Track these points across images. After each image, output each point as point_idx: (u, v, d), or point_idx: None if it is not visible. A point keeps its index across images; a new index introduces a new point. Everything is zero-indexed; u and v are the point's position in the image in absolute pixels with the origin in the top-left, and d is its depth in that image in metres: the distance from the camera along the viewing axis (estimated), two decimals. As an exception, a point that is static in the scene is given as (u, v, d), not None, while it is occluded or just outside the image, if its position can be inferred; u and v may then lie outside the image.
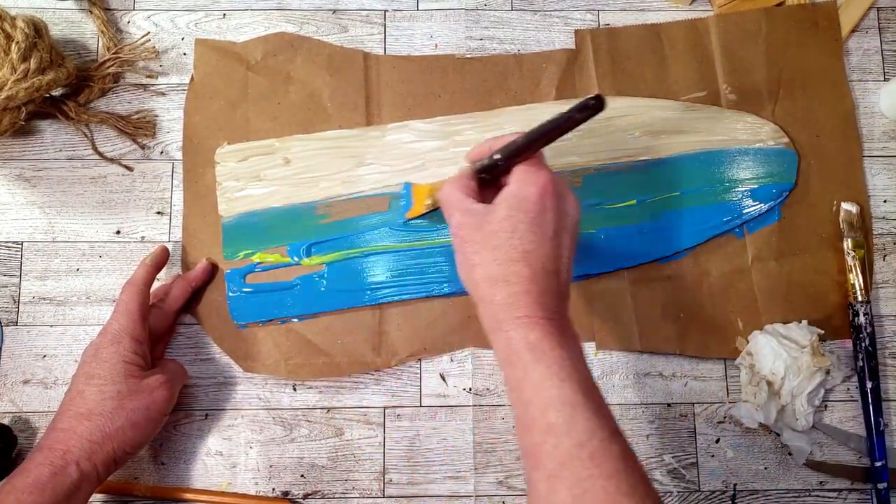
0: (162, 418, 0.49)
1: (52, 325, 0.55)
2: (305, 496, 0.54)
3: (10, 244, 0.56)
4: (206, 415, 0.55)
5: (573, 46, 0.60)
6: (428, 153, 0.57)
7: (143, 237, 0.57)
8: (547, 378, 0.37)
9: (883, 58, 0.60)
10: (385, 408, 0.55)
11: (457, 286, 0.55)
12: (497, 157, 0.43)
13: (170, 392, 0.49)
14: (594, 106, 0.38)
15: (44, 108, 0.56)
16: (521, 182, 0.41)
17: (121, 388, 0.47)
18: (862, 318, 0.54)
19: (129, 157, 0.58)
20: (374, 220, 0.56)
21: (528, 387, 0.38)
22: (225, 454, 0.54)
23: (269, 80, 0.58)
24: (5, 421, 0.54)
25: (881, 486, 0.52)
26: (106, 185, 0.57)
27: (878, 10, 0.61)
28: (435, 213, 0.52)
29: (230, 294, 0.55)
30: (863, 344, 0.54)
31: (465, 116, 0.58)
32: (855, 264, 0.55)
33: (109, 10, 0.60)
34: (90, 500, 0.50)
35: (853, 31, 0.60)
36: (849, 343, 0.56)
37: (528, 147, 0.41)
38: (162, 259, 0.54)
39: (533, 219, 0.40)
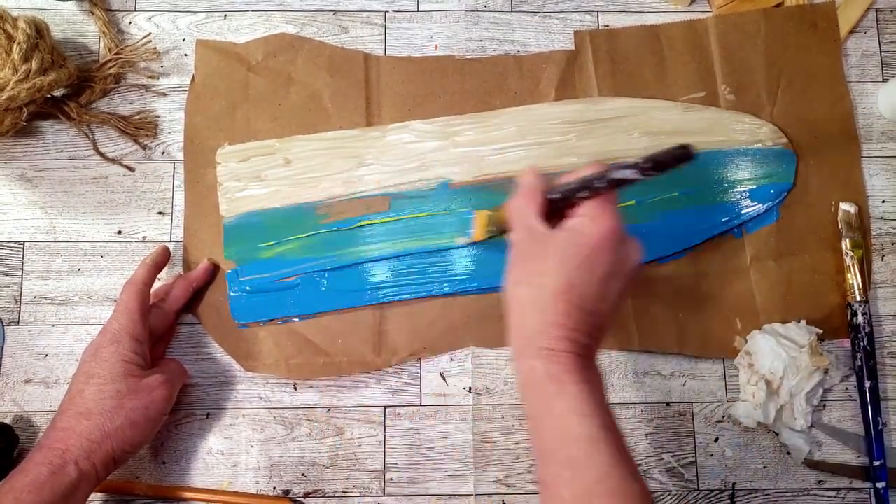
0: (161, 418, 0.49)
1: (53, 325, 0.55)
2: (306, 495, 0.54)
3: (11, 244, 0.56)
4: (208, 414, 0.55)
5: (573, 47, 0.60)
6: (428, 153, 0.57)
7: (144, 237, 0.57)
8: (569, 412, 0.37)
9: (881, 58, 0.60)
10: (385, 407, 0.55)
11: (456, 286, 0.55)
12: (569, 188, 0.42)
13: (169, 391, 0.49)
14: (682, 156, 0.37)
15: (45, 109, 0.56)
16: (587, 218, 0.40)
17: (120, 388, 0.47)
18: (860, 318, 0.54)
19: (131, 158, 0.58)
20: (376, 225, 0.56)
21: (548, 418, 0.38)
22: (226, 453, 0.54)
23: (270, 80, 0.59)
24: (7, 420, 0.54)
25: (880, 485, 0.53)
26: (107, 186, 0.57)
27: (876, 11, 0.61)
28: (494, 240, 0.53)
29: (231, 294, 0.56)
30: (861, 343, 0.54)
31: (465, 117, 0.58)
32: (853, 264, 0.55)
33: (111, 11, 0.60)
34: (91, 499, 0.50)
35: (852, 31, 0.60)
36: (847, 343, 0.56)
37: (605, 185, 0.40)
38: (163, 259, 0.54)
39: (587, 257, 0.39)
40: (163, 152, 0.58)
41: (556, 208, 0.43)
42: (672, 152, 0.37)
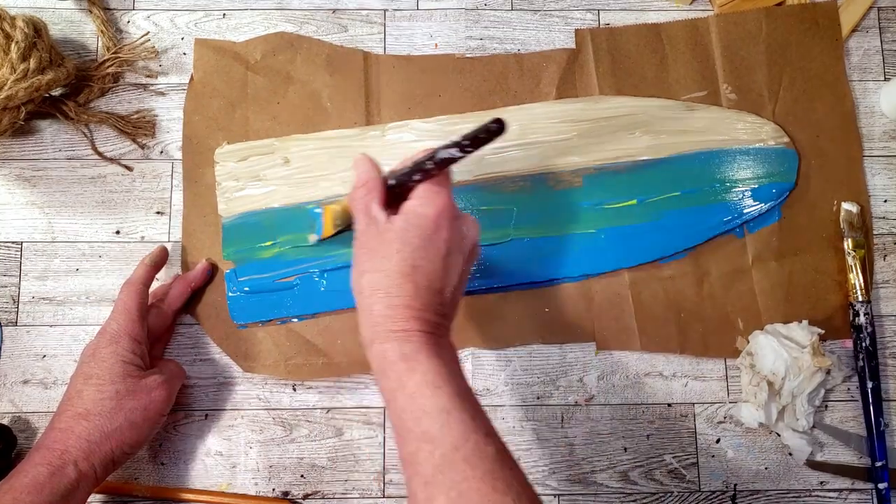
0: (160, 418, 0.49)
1: (51, 326, 0.55)
2: (305, 496, 0.53)
3: (9, 244, 0.56)
4: (206, 415, 0.54)
5: (573, 46, 0.60)
6: (428, 153, 0.57)
7: (142, 237, 0.57)
8: (421, 386, 0.38)
9: (883, 57, 0.60)
10: (385, 408, 0.55)
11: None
12: (403, 173, 0.43)
13: (168, 392, 0.49)
14: (495, 130, 0.40)
15: (43, 108, 0.56)
16: (422, 199, 0.42)
17: (119, 388, 0.47)
18: (862, 318, 0.54)
19: (129, 157, 0.58)
20: None
21: (401, 397, 0.39)
22: (225, 454, 0.54)
23: (269, 79, 0.58)
24: (5, 421, 0.53)
25: (882, 486, 0.52)
26: (105, 185, 0.57)
27: (878, 10, 0.61)
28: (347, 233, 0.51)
29: (230, 294, 0.55)
30: (863, 344, 0.54)
31: (464, 116, 0.58)
32: (855, 264, 0.55)
33: (109, 9, 0.60)
34: (90, 500, 0.50)
35: (853, 30, 0.60)
36: (849, 343, 0.56)
37: (434, 166, 0.42)
38: (161, 259, 0.54)
39: (426, 236, 0.41)
40: (161, 152, 0.58)
41: (395, 195, 0.44)
42: (486, 127, 0.40)
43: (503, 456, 0.37)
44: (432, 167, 0.42)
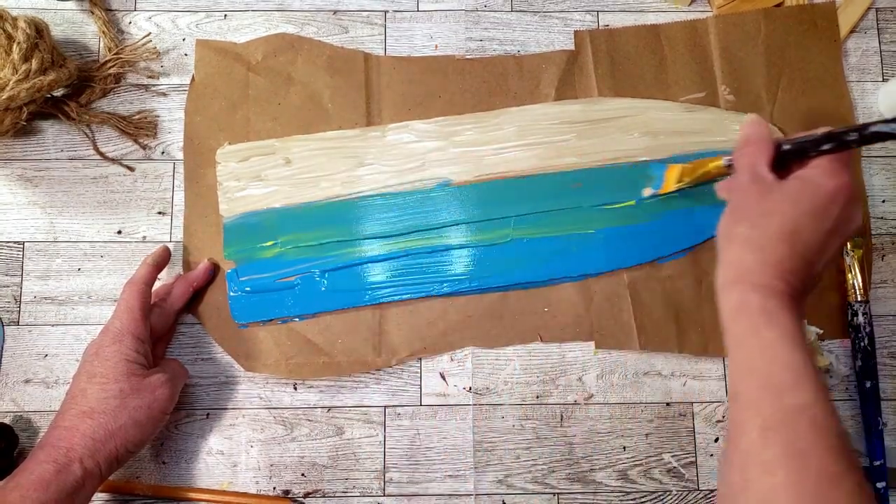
0: (164, 417, 0.49)
1: (53, 325, 0.55)
2: (306, 495, 0.54)
3: (11, 244, 0.56)
4: (208, 414, 0.55)
5: (573, 47, 0.60)
6: (428, 153, 0.57)
7: (144, 237, 0.57)
8: (779, 339, 0.37)
9: (881, 58, 0.60)
10: (385, 407, 0.55)
11: (456, 286, 0.55)
12: (807, 140, 0.42)
13: (171, 391, 0.49)
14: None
15: (45, 109, 0.56)
16: (824, 171, 0.41)
17: (123, 387, 0.47)
18: (860, 318, 0.54)
19: (131, 158, 0.58)
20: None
21: (754, 343, 0.38)
22: (226, 453, 0.54)
23: (270, 80, 0.59)
24: (7, 420, 0.54)
25: (880, 485, 0.53)
26: (107, 185, 0.57)
27: (876, 11, 0.61)
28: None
29: (231, 294, 0.56)
30: (861, 343, 0.54)
31: (464, 117, 0.58)
32: (853, 264, 0.55)
33: (111, 10, 0.60)
34: (92, 499, 0.50)
35: (852, 31, 0.60)
36: (847, 343, 0.56)
37: (857, 139, 0.40)
38: (163, 259, 0.54)
39: (819, 206, 0.40)
40: (162, 152, 0.58)
41: (782, 162, 0.43)
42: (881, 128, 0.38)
43: (844, 435, 0.35)
44: (855, 139, 0.40)
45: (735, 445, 0.36)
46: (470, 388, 0.55)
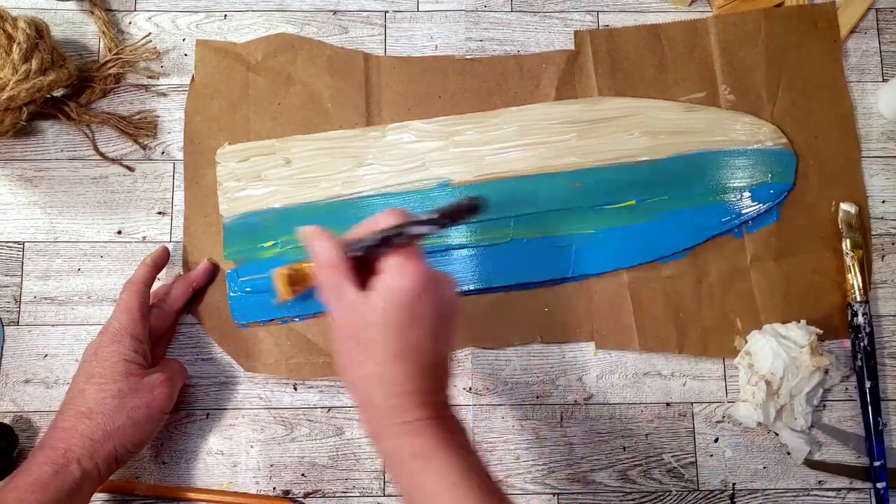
0: (163, 416, 0.49)
1: (53, 325, 0.55)
2: (306, 495, 0.54)
3: (11, 244, 0.56)
4: (208, 414, 0.55)
5: (573, 47, 0.60)
6: (428, 153, 0.57)
7: (144, 237, 0.57)
8: (438, 486, 0.36)
9: (881, 59, 0.60)
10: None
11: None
12: (369, 244, 0.40)
13: (170, 390, 0.49)
14: (471, 208, 0.38)
15: (45, 109, 0.56)
16: (396, 273, 0.38)
17: (121, 387, 0.47)
18: (860, 318, 0.54)
19: (131, 158, 0.58)
20: None
21: (419, 498, 0.37)
22: (226, 453, 0.54)
23: (270, 80, 0.59)
24: (7, 420, 0.54)
25: (880, 485, 0.53)
26: (107, 186, 0.57)
27: (876, 12, 0.61)
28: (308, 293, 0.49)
29: (231, 294, 0.56)
30: (861, 344, 0.54)
31: (465, 117, 0.58)
32: (853, 264, 0.55)
33: (111, 11, 0.60)
34: (92, 499, 0.50)
35: (852, 32, 0.60)
36: (847, 343, 0.56)
37: (405, 241, 0.39)
38: (162, 259, 0.54)
39: (409, 312, 0.38)
40: (162, 152, 0.58)
41: (360, 263, 0.41)
42: (462, 205, 0.38)
43: None
44: (403, 241, 0.39)
45: None
46: (470, 389, 0.55)
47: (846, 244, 0.56)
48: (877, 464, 0.53)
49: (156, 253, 0.54)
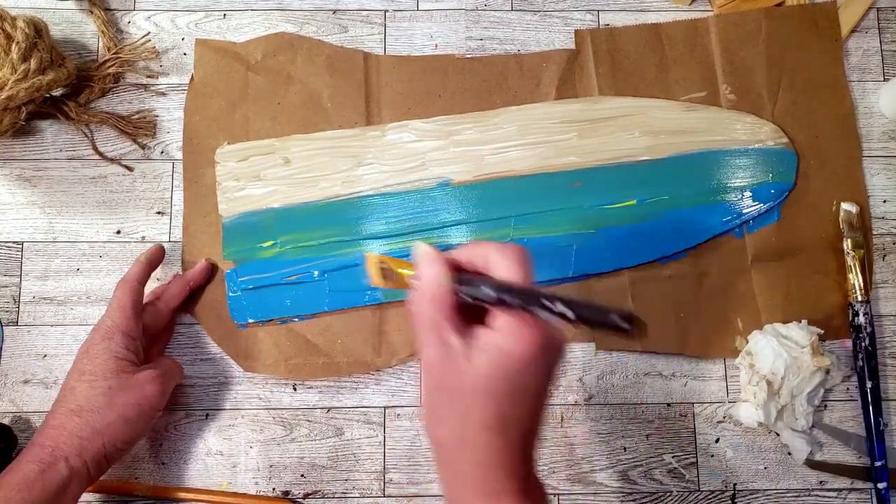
0: (154, 413, 0.49)
1: (52, 325, 0.55)
2: (306, 496, 0.54)
3: (10, 244, 0.56)
4: (207, 414, 0.55)
5: (573, 46, 0.60)
6: (428, 153, 0.57)
7: (143, 237, 0.57)
8: None
9: (882, 58, 0.60)
10: (385, 407, 0.55)
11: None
12: (485, 295, 0.35)
13: (162, 387, 0.49)
14: (622, 328, 0.32)
15: (44, 109, 0.56)
16: (508, 334, 0.34)
17: (112, 384, 0.47)
18: (862, 318, 0.54)
19: (130, 157, 0.58)
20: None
21: None
22: (225, 454, 0.54)
23: (269, 80, 0.58)
24: (6, 421, 0.54)
25: (881, 485, 0.53)
26: (106, 185, 0.57)
27: (877, 11, 0.61)
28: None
29: (230, 294, 0.55)
30: (862, 344, 0.54)
31: (465, 116, 0.58)
32: (854, 264, 0.55)
33: (110, 10, 0.60)
34: (90, 500, 0.50)
35: (853, 31, 0.60)
36: (848, 343, 0.56)
37: (538, 310, 0.33)
38: (157, 257, 0.54)
39: (516, 381, 0.33)
40: (162, 152, 0.58)
41: (466, 305, 0.36)
42: (610, 320, 0.32)
43: None
44: (535, 310, 0.33)
45: None
46: (470, 389, 0.55)
47: (847, 244, 0.55)
48: (878, 464, 0.53)
49: (150, 251, 0.53)
